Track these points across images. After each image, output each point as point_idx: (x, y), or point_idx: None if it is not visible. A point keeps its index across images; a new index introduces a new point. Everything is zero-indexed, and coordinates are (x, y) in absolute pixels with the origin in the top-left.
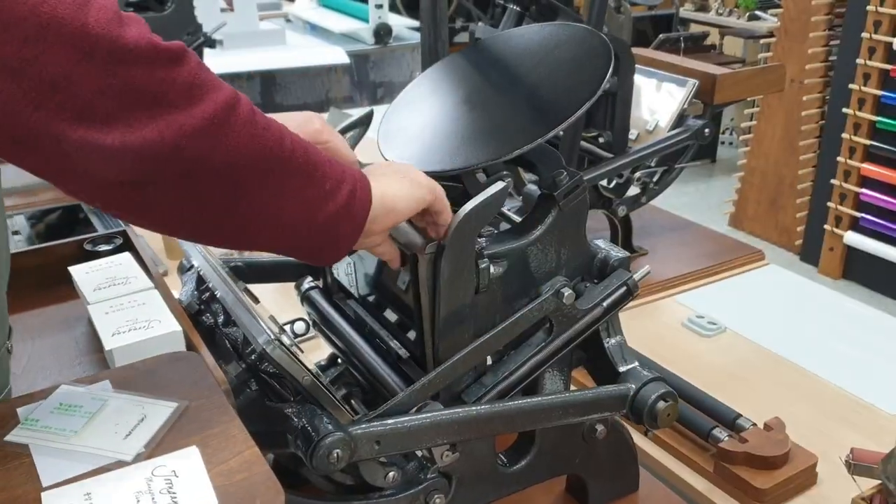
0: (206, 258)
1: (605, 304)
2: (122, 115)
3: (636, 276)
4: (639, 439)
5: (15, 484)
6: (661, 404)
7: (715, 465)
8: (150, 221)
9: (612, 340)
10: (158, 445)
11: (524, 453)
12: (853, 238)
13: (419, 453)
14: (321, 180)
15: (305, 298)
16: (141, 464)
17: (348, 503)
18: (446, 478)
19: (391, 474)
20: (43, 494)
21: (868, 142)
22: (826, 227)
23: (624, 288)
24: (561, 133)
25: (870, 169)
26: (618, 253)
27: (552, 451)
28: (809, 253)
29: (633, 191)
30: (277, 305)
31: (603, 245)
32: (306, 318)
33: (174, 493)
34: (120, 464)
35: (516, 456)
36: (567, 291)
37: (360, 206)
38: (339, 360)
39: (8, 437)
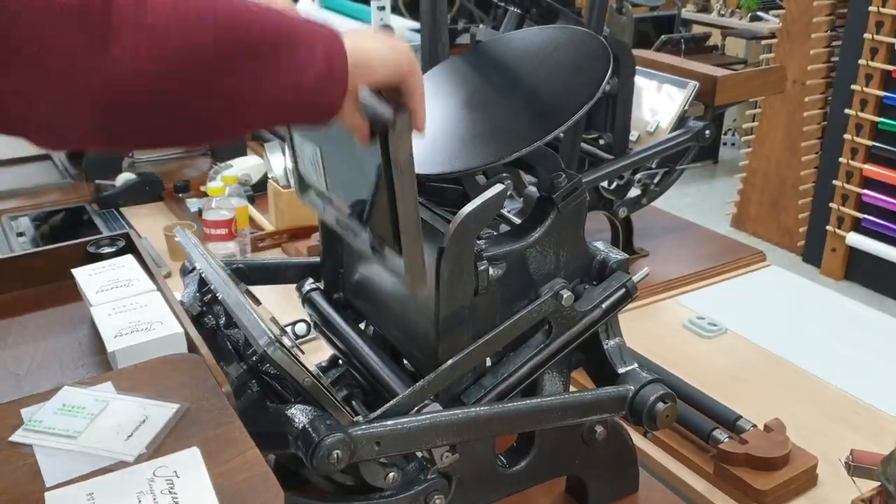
0: (208, 260)
1: (604, 305)
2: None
3: (635, 278)
4: (639, 440)
5: (19, 484)
6: (660, 405)
7: (715, 466)
8: (124, 147)
9: (612, 342)
10: (160, 446)
11: (524, 454)
12: (855, 239)
13: (419, 454)
14: (295, 53)
15: (306, 300)
16: (143, 464)
17: (349, 503)
18: (446, 478)
19: (391, 475)
20: (46, 494)
21: (870, 143)
22: (828, 228)
23: (623, 290)
24: (561, 135)
25: (872, 170)
26: (617, 255)
27: (552, 453)
28: (811, 254)
29: (634, 192)
30: (279, 307)
31: (602, 247)
32: (307, 319)
33: (175, 493)
34: (122, 464)
35: (516, 457)
36: (566, 293)
37: (339, 67)
38: (340, 362)
39: (12, 438)
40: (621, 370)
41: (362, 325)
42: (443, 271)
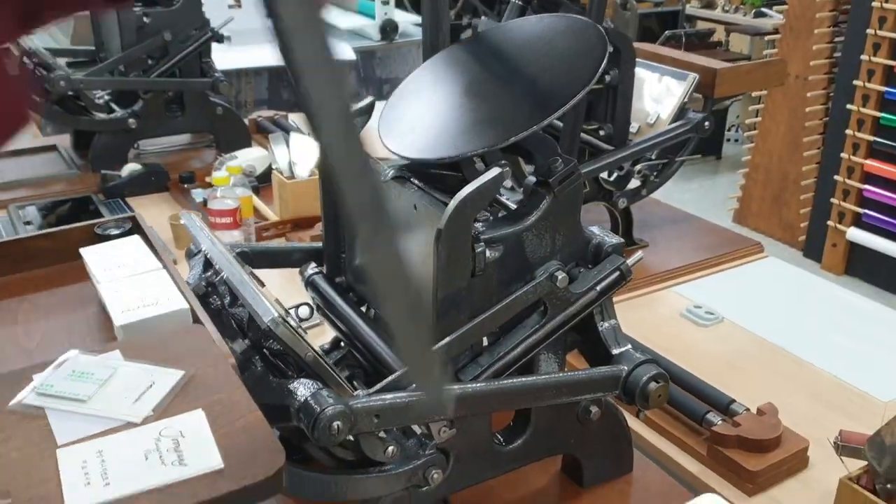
0: (213, 243)
1: (598, 287)
2: None
3: (629, 262)
4: (634, 422)
5: (32, 442)
6: (653, 385)
7: (708, 448)
8: None
9: (606, 324)
10: (166, 409)
11: (520, 433)
12: (856, 234)
13: (418, 430)
14: None
15: (309, 283)
16: (149, 425)
17: (348, 476)
18: (444, 454)
19: (390, 449)
20: (58, 451)
21: (871, 138)
22: (829, 223)
23: (617, 272)
24: (560, 124)
25: (873, 165)
26: (612, 239)
27: (547, 432)
28: (812, 249)
29: (634, 183)
30: (283, 290)
31: (597, 231)
32: (310, 302)
33: (181, 451)
34: (130, 425)
35: (512, 435)
36: (561, 275)
37: None
38: (342, 344)
39: (26, 401)
40: (615, 351)
41: (364, 308)
42: (440, 253)
